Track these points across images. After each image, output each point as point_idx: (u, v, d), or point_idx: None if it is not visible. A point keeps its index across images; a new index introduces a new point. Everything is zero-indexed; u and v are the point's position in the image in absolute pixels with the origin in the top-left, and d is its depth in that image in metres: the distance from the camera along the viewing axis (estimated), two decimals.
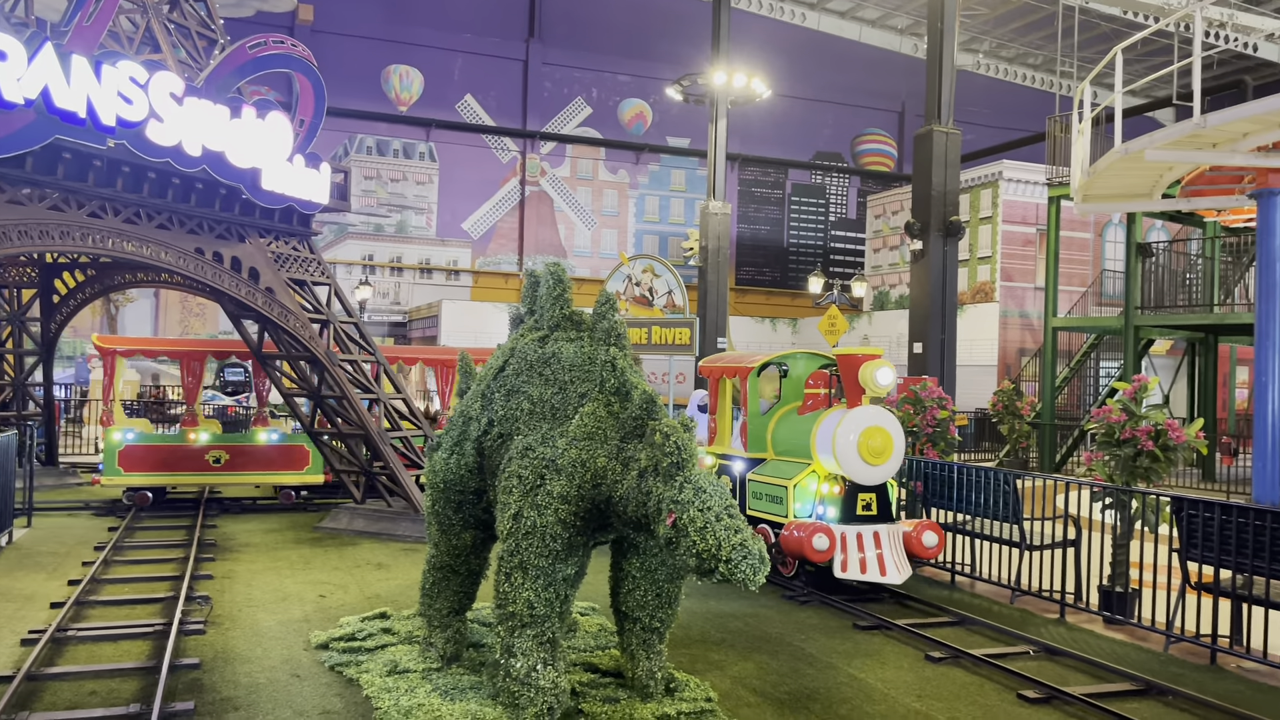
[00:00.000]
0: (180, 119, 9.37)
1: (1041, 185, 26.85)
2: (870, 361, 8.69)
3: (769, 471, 9.48)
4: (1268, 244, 13.51)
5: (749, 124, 38.67)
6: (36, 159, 8.72)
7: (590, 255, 39.02)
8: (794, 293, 40.61)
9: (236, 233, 10.83)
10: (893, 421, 8.81)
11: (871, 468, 8.65)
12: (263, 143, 10.42)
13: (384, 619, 7.45)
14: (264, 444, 12.96)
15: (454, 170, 38.03)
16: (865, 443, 8.59)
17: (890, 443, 8.68)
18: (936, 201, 18.96)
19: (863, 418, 8.66)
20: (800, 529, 8.51)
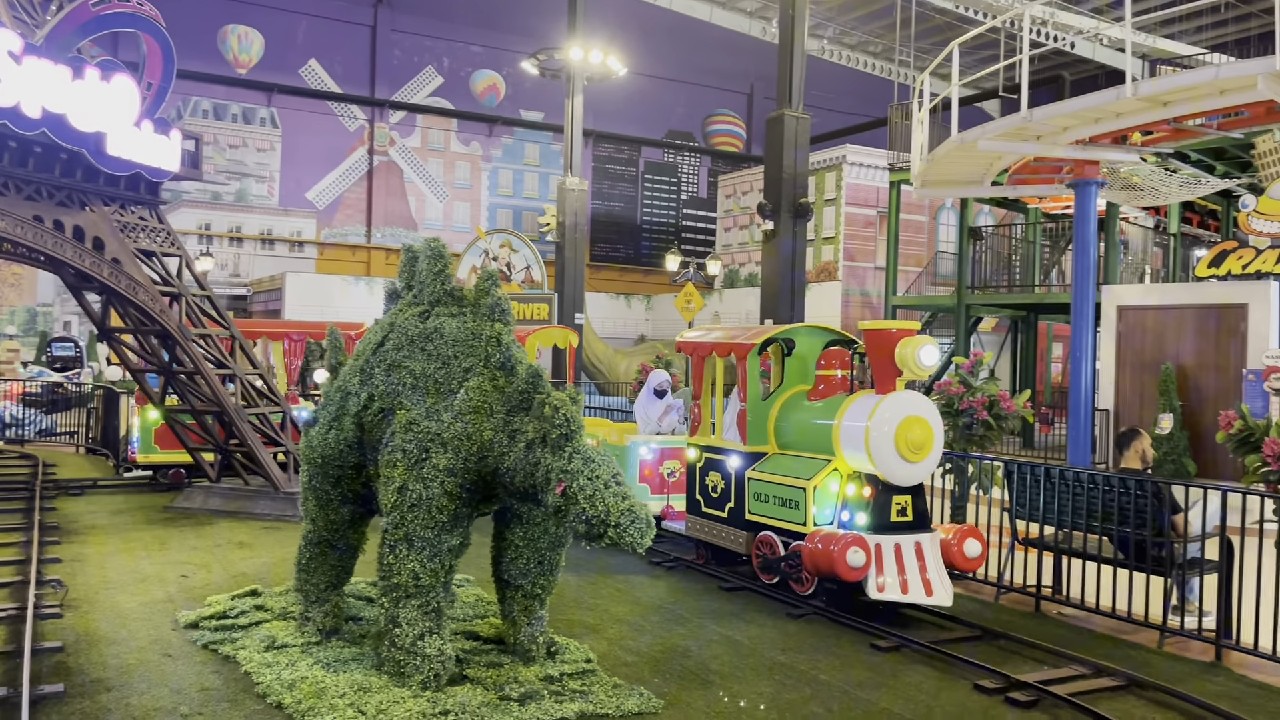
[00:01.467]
0: (18, 79, 8.79)
1: (883, 170, 28.20)
2: (909, 338, 7.33)
3: (776, 469, 8.07)
4: (1083, 230, 14.77)
5: (603, 100, 38.86)
6: None
7: (442, 228, 38.42)
8: (648, 269, 41.22)
9: (79, 200, 10.26)
10: (932, 410, 7.50)
11: (910, 465, 7.30)
12: (108, 106, 9.90)
13: (255, 596, 7.35)
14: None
15: (298, 137, 36.65)
16: (904, 435, 7.22)
17: (930, 435, 7.32)
18: (787, 184, 19.72)
19: (900, 406, 7.30)
20: (829, 541, 7.09)
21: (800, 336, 8.58)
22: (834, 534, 7.17)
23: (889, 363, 7.37)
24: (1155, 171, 17.70)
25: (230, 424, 11.28)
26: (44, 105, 9.21)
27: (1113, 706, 5.68)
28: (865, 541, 7.08)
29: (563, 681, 5.74)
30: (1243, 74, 10.94)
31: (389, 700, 5.28)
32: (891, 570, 7.11)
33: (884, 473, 7.30)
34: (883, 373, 7.46)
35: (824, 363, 8.31)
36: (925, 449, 7.30)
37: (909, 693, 5.88)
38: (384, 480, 5.86)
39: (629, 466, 9.74)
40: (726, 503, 8.55)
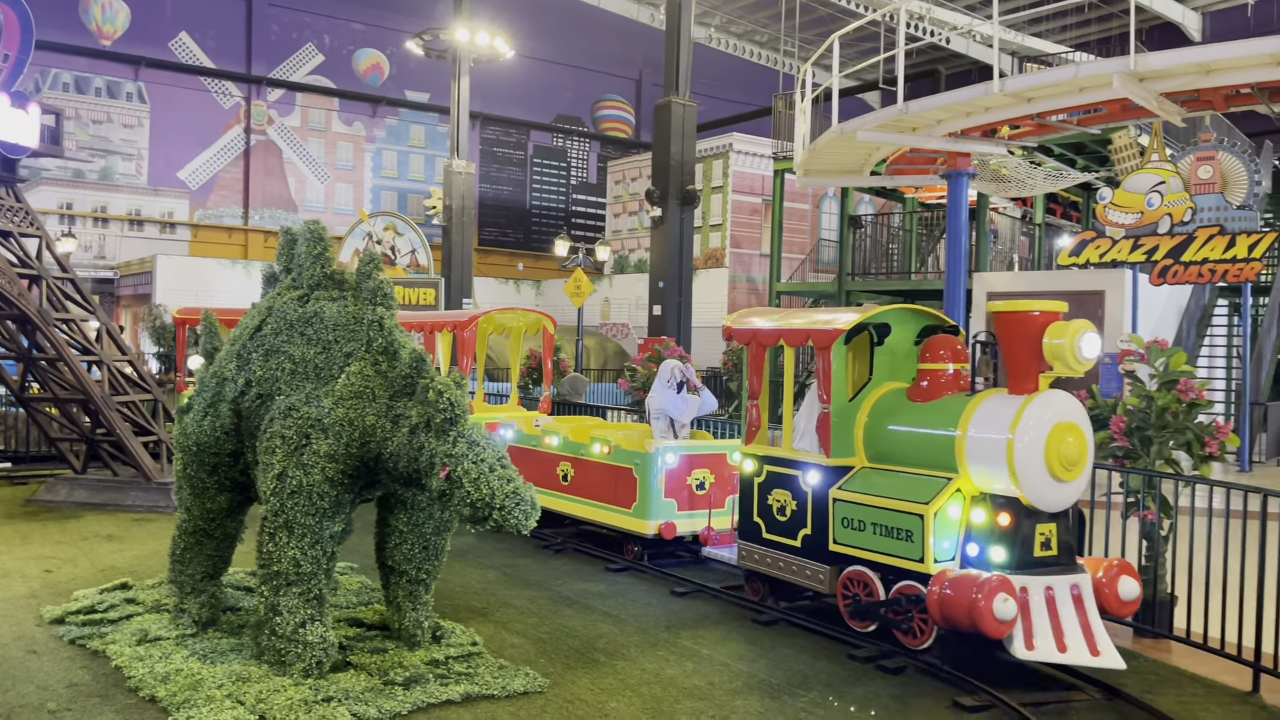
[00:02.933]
0: None
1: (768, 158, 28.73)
2: (1060, 323, 5.85)
3: (874, 489, 6.38)
4: (955, 219, 15.42)
5: (491, 83, 38.38)
6: None
7: (324, 210, 37.36)
8: (537, 254, 41.00)
9: None
10: (1085, 415, 6.03)
11: (1061, 486, 5.83)
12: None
13: (126, 589, 7.10)
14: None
15: (168, 114, 35.04)
16: (1055, 448, 5.74)
17: (1085, 447, 5.87)
18: (674, 171, 19.93)
19: (1049, 410, 5.84)
20: (969, 586, 5.51)
21: (894, 321, 6.95)
22: (972, 576, 5.59)
23: (1031, 355, 5.87)
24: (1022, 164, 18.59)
25: (97, 413, 10.81)
26: None
27: None
28: (1012, 585, 5.54)
29: (448, 665, 5.75)
30: (1100, 73, 11.59)
31: (269, 689, 5.20)
32: (1043, 621, 5.62)
33: (1031, 496, 5.77)
34: (1021, 367, 5.93)
35: (927, 354, 6.73)
36: (1080, 465, 5.83)
37: (785, 663, 6.11)
38: (263, 467, 5.75)
39: (651, 478, 8.32)
40: (800, 529, 6.88)
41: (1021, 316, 5.93)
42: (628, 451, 8.57)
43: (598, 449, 8.92)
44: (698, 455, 8.55)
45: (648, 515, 8.37)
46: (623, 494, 8.62)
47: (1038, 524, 5.89)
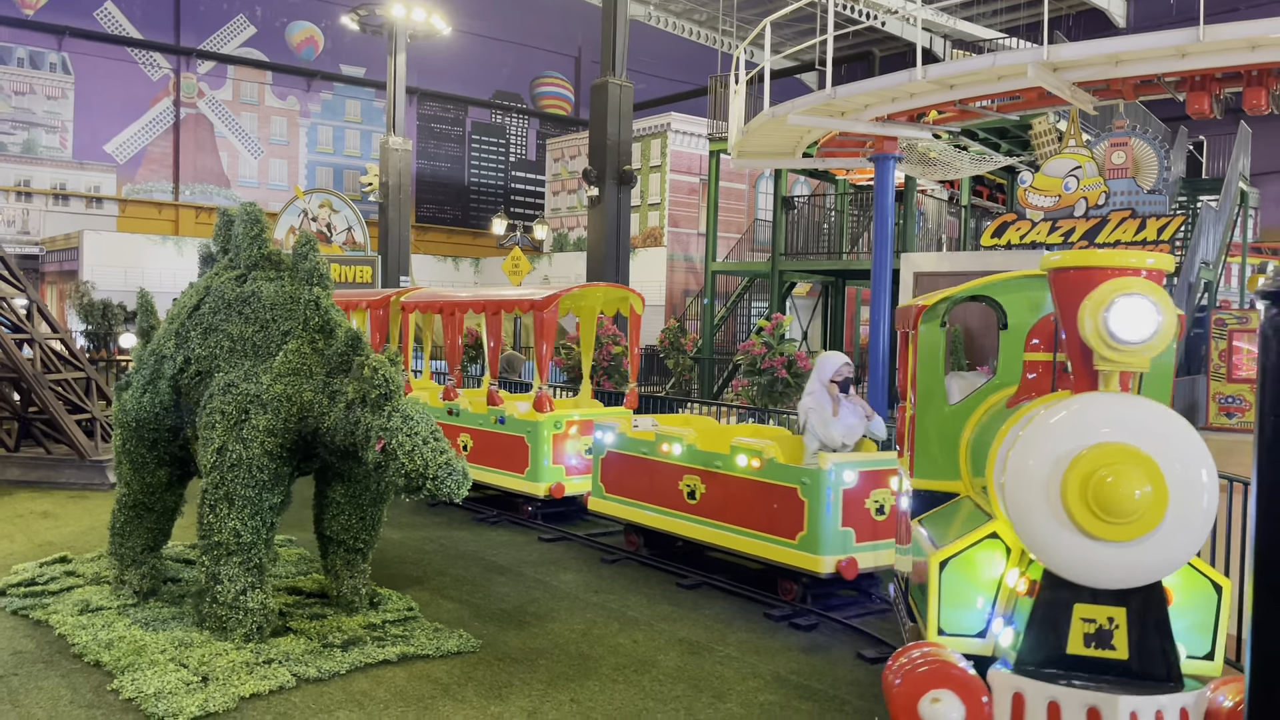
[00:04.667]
0: None
1: (705, 138, 29.07)
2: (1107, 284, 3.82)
3: (934, 525, 4.96)
4: (882, 201, 15.93)
5: (428, 58, 38.06)
6: None
7: (258, 186, 36.81)
8: (476, 232, 40.89)
9: None
10: (1167, 434, 3.75)
11: (1096, 546, 3.72)
12: None
13: (65, 563, 7.23)
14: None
15: (93, 85, 34.16)
16: (1082, 484, 3.70)
17: (1158, 485, 3.66)
18: (611, 151, 20.14)
19: (1072, 421, 3.80)
20: (905, 670, 3.89)
21: (1015, 293, 5.16)
22: (924, 660, 3.88)
23: (1079, 338, 3.94)
24: (947, 148, 19.19)
25: (29, 391, 10.78)
26: None
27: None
28: (975, 686, 3.77)
29: (385, 628, 6.03)
30: (1016, 62, 12.12)
31: (211, 653, 5.43)
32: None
33: (1044, 557, 3.79)
34: (1076, 355, 4.04)
35: (1036, 340, 4.97)
36: (1139, 516, 3.61)
37: (706, 621, 6.50)
38: (203, 441, 5.94)
39: (823, 501, 6.55)
40: None
41: (1075, 276, 3.88)
42: (788, 468, 6.82)
43: (743, 462, 7.11)
44: (877, 471, 6.80)
45: (820, 548, 6.55)
46: (783, 520, 6.80)
47: (1078, 602, 3.74)
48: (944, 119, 15.65)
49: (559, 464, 9.36)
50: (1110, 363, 3.83)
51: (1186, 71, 11.04)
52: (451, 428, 10.31)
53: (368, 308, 11.84)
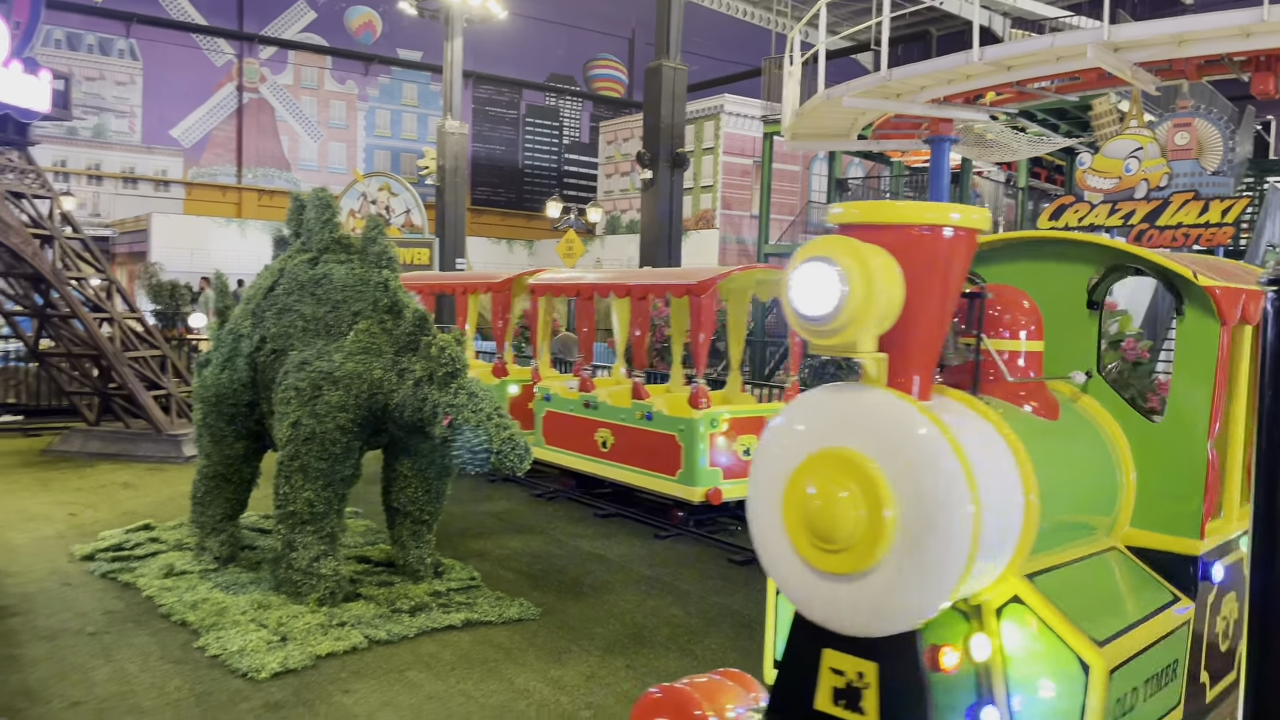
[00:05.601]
0: None
1: (758, 120, 29.03)
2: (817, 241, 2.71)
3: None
4: (937, 183, 15.88)
5: (484, 42, 38.39)
6: None
7: (318, 170, 37.48)
8: (530, 214, 41.25)
9: None
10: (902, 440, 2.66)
11: (821, 580, 2.79)
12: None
13: (149, 530, 7.65)
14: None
15: (160, 71, 35.02)
16: (797, 502, 2.79)
17: (875, 506, 2.62)
18: (665, 134, 20.26)
19: (806, 420, 2.90)
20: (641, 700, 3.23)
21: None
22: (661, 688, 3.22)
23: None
24: (1005, 130, 19.00)
25: (109, 368, 11.29)
26: None
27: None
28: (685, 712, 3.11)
29: (449, 596, 6.32)
30: (1075, 43, 12.01)
31: (288, 615, 5.76)
32: None
33: (778, 584, 3.01)
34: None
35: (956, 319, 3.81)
36: (855, 543, 2.68)
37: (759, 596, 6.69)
38: (279, 416, 6.26)
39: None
40: None
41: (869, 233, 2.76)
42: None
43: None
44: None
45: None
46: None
47: (826, 648, 2.87)
48: (1002, 100, 15.51)
49: (715, 466, 8.29)
50: (814, 345, 2.82)
51: (1251, 51, 10.86)
52: (588, 422, 9.34)
53: (488, 290, 11.34)
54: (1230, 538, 3.47)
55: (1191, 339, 3.29)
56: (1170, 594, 3.21)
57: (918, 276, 2.69)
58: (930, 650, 2.69)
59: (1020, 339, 3.22)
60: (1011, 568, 2.80)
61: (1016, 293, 3.34)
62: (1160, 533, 3.31)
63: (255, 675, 5.03)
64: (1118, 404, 3.49)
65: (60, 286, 10.85)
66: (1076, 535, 3.22)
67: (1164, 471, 3.33)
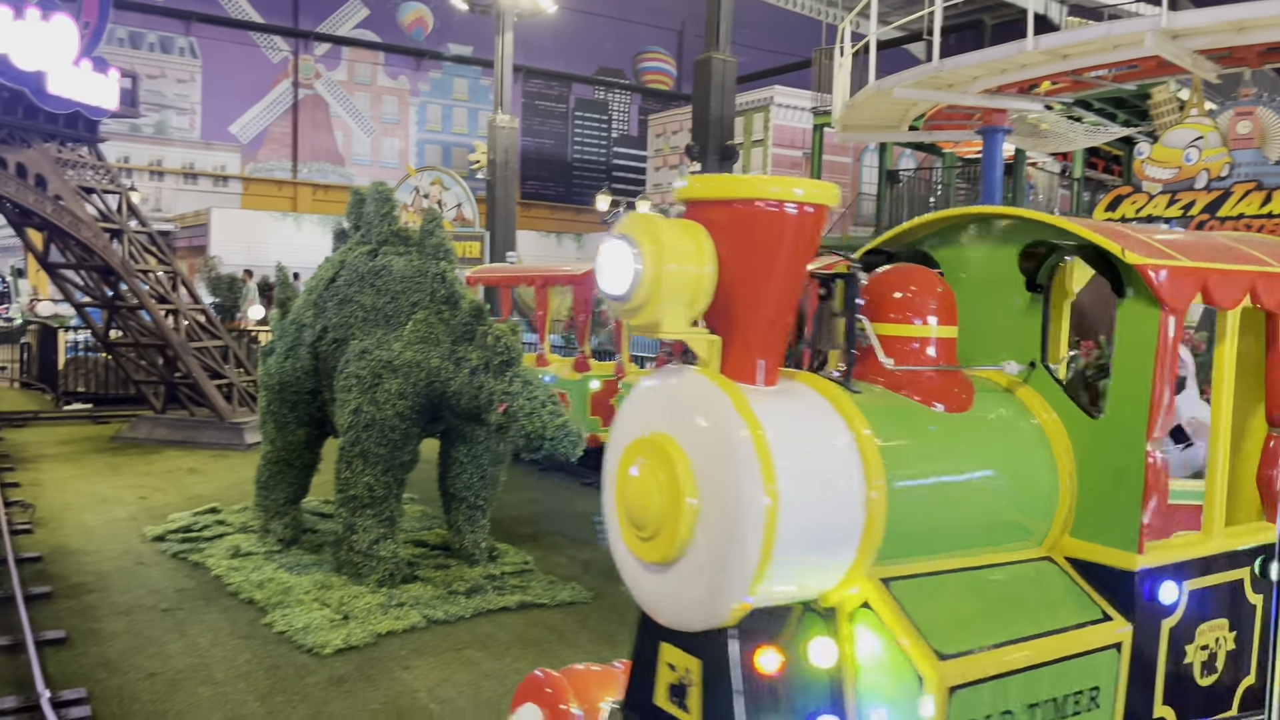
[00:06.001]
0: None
1: (808, 111, 28.89)
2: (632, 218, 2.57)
3: None
4: (989, 175, 15.75)
5: (533, 36, 38.62)
6: None
7: (370, 164, 38.05)
8: (579, 208, 41.47)
9: (20, 138, 10.44)
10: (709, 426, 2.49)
11: (643, 570, 2.66)
12: (48, 45, 10.06)
13: (215, 513, 7.94)
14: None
15: (219, 69, 35.77)
16: (622, 488, 2.68)
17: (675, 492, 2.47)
18: (714, 126, 20.31)
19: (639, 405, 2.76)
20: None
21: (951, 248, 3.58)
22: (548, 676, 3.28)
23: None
24: (1060, 119, 18.73)
25: (175, 357, 11.66)
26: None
27: None
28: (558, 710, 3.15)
29: (503, 579, 6.49)
30: (1132, 31, 11.86)
31: (350, 595, 5.97)
32: None
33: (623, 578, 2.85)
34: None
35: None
36: (660, 531, 2.53)
37: None
38: (340, 403, 6.47)
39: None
40: None
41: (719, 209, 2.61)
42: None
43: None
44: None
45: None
46: None
47: (664, 641, 2.76)
48: (1057, 90, 15.32)
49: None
50: (631, 326, 2.79)
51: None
52: None
53: (568, 283, 10.49)
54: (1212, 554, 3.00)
55: (1128, 326, 2.92)
56: (1098, 613, 2.80)
57: (747, 255, 2.53)
58: (749, 652, 2.51)
59: (927, 323, 2.92)
60: (858, 569, 2.55)
61: (924, 274, 3.07)
62: (1097, 543, 2.90)
63: (320, 651, 5.24)
64: (1060, 399, 3.05)
65: (129, 278, 11.23)
66: (982, 540, 2.86)
67: (1102, 475, 2.93)
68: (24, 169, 10.40)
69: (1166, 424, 2.76)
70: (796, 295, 2.68)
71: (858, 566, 2.55)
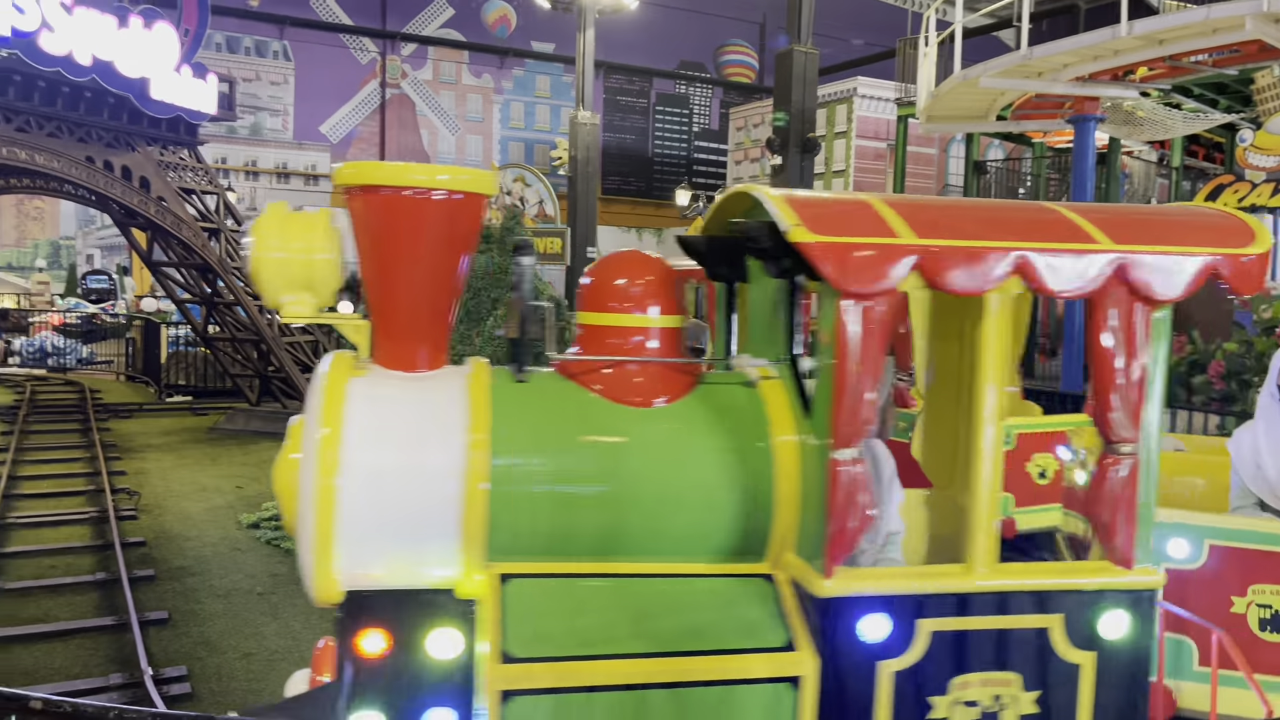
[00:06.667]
0: (71, 28, 9.43)
1: (892, 103, 28.44)
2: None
3: None
4: (1081, 165, 15.31)
5: (614, 31, 38.81)
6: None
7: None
8: (659, 203, 41.55)
9: (125, 142, 10.94)
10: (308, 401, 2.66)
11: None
12: (150, 52, 10.52)
13: None
14: None
15: (310, 71, 36.80)
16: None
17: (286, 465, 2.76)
18: (795, 119, 20.12)
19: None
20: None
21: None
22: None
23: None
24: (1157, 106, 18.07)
25: (269, 351, 12.09)
26: (94, 53, 9.85)
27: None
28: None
29: None
30: (1232, 14, 11.39)
31: None
32: None
33: None
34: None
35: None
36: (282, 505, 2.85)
37: None
38: None
39: None
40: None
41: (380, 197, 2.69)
42: None
43: None
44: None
45: None
46: None
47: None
48: (1153, 76, 14.82)
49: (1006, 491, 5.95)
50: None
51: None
52: None
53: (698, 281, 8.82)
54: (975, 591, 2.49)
55: (823, 315, 2.53)
56: (782, 640, 2.47)
57: (390, 242, 2.54)
58: (354, 632, 2.49)
59: (647, 313, 2.76)
60: (470, 562, 2.49)
61: (646, 262, 2.91)
62: (807, 562, 2.56)
63: None
64: (793, 400, 2.74)
65: (225, 276, 11.68)
66: (655, 547, 2.60)
67: (808, 486, 2.61)
68: (129, 172, 10.90)
69: (862, 432, 2.42)
70: (452, 282, 2.68)
71: (468, 560, 2.49)
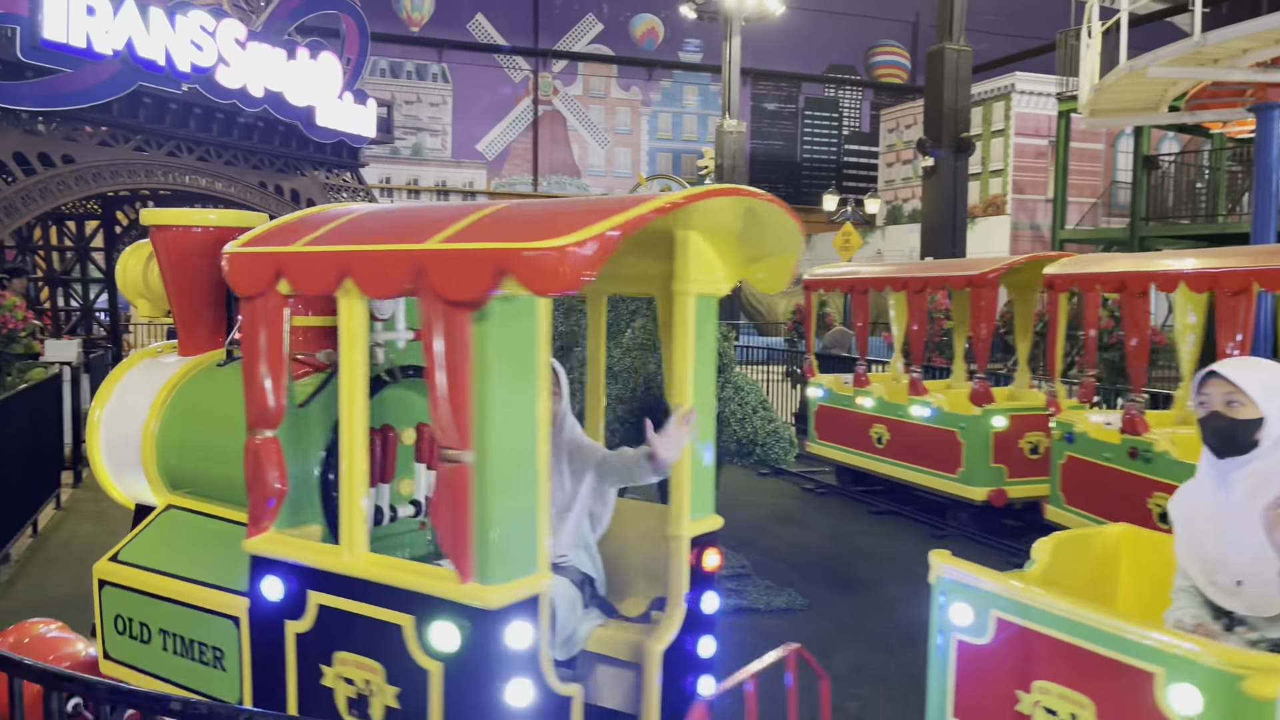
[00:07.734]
0: (244, 63, 10.17)
1: (1053, 98, 27.18)
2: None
3: None
4: (1264, 157, 14.21)
5: (761, 38, 38.62)
6: (121, 104, 9.58)
7: (604, 174, 39.44)
8: (808, 209, 41.00)
9: (294, 167, 11.69)
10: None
11: None
12: (316, 82, 11.21)
13: None
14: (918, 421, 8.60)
15: (467, 91, 38.26)
16: None
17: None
18: (948, 119, 19.52)
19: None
20: None
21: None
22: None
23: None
24: None
25: None
26: (265, 85, 10.58)
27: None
28: None
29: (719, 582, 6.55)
30: None
31: None
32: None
33: None
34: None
35: None
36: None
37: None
38: None
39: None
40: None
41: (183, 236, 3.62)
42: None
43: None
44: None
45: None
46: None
47: None
48: None
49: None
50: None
51: None
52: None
53: (966, 285, 8.52)
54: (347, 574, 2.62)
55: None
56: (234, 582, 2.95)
57: (167, 265, 3.51)
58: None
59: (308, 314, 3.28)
60: (157, 490, 3.42)
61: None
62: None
63: None
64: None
65: None
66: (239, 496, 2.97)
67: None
68: (297, 195, 11.62)
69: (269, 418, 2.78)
70: (208, 295, 3.52)
71: (155, 487, 3.41)
